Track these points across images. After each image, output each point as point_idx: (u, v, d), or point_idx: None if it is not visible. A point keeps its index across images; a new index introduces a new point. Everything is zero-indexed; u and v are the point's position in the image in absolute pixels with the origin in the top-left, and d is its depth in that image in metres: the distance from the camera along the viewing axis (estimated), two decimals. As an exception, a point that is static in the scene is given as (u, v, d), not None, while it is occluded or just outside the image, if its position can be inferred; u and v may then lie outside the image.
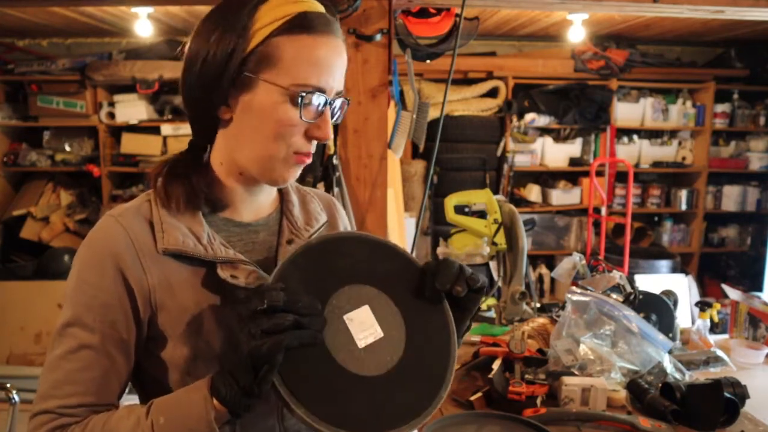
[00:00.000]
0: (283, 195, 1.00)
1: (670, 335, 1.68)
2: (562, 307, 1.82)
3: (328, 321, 0.80)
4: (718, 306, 1.89)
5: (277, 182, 0.89)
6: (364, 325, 0.83)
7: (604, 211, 4.33)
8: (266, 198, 0.96)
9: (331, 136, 0.87)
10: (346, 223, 1.11)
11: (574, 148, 4.67)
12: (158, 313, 0.84)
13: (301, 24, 0.82)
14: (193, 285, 0.85)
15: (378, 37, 2.30)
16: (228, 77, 0.82)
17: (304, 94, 0.82)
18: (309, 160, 0.89)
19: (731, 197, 4.82)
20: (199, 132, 0.92)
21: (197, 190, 0.88)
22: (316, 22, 0.83)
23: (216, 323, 0.85)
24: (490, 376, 1.39)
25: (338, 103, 0.89)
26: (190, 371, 0.85)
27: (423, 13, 2.45)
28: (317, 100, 0.84)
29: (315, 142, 0.88)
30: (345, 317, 0.82)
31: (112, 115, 4.19)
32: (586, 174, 4.50)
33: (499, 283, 2.00)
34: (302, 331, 0.73)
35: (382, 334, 0.83)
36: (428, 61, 2.50)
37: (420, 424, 0.81)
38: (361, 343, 0.82)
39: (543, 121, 4.55)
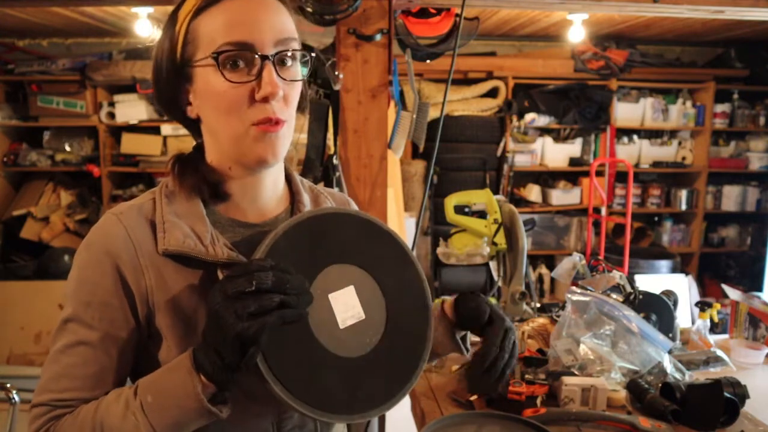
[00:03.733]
0: (293, 194, 0.98)
1: (670, 335, 1.68)
2: (562, 307, 1.82)
3: (313, 298, 0.80)
4: (718, 306, 1.89)
5: (259, 162, 0.85)
6: (347, 306, 0.84)
7: (604, 211, 4.33)
8: (271, 196, 0.94)
9: (279, 91, 0.81)
10: None
11: (574, 148, 4.67)
12: (156, 313, 0.84)
13: (207, 1, 0.83)
14: (192, 286, 0.85)
15: (378, 37, 2.30)
16: (169, 78, 0.86)
17: (216, 55, 0.80)
18: (276, 128, 0.83)
19: (731, 197, 4.82)
20: (192, 136, 0.95)
21: (204, 177, 0.89)
22: None
23: None
24: (490, 376, 1.39)
25: (289, 54, 0.84)
26: None
27: (423, 13, 2.45)
28: (244, 57, 0.81)
29: (277, 106, 0.82)
30: (330, 296, 0.83)
31: (112, 115, 4.20)
32: (586, 174, 4.50)
33: (499, 283, 2.00)
34: (287, 310, 0.73)
35: (363, 316, 0.84)
36: (428, 61, 2.50)
37: (386, 411, 0.83)
38: (343, 324, 0.83)
39: (543, 121, 4.55)
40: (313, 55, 0.89)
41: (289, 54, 0.84)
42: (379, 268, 0.88)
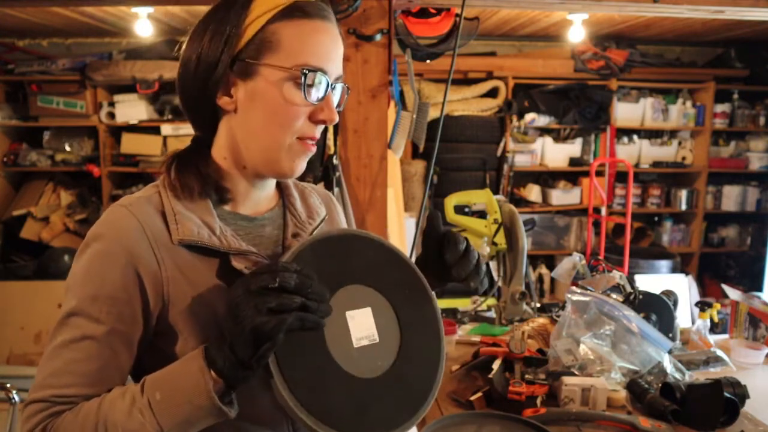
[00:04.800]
0: (283, 189, 1.01)
1: (670, 335, 1.68)
2: (562, 307, 1.82)
3: (332, 310, 0.80)
4: (718, 306, 1.89)
5: (283, 174, 0.89)
6: (362, 326, 0.84)
7: (604, 211, 4.33)
8: (267, 192, 0.97)
9: (337, 118, 0.88)
10: (342, 219, 1.12)
11: (574, 148, 4.67)
12: (170, 306, 0.83)
13: (298, 9, 0.84)
14: (207, 276, 0.85)
15: (378, 37, 2.30)
16: (224, 68, 0.84)
17: (306, 72, 0.83)
18: (313, 150, 0.89)
19: (731, 197, 4.82)
20: (200, 128, 0.93)
21: (208, 179, 0.89)
22: (312, 8, 0.86)
23: None
24: (490, 376, 1.39)
25: (339, 88, 0.90)
26: None
27: (423, 13, 2.45)
28: (320, 81, 0.85)
29: (320, 128, 0.88)
30: (347, 313, 0.83)
31: (112, 115, 4.19)
32: (586, 174, 4.50)
33: (499, 283, 1.99)
34: (307, 314, 0.73)
35: (377, 340, 0.84)
36: (428, 61, 2.50)
37: None
38: (357, 343, 0.82)
39: (543, 121, 4.55)
40: (349, 91, 0.96)
41: (343, 88, 0.92)
42: (398, 298, 0.88)
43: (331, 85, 0.87)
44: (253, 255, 0.87)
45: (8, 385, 1.86)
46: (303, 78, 0.83)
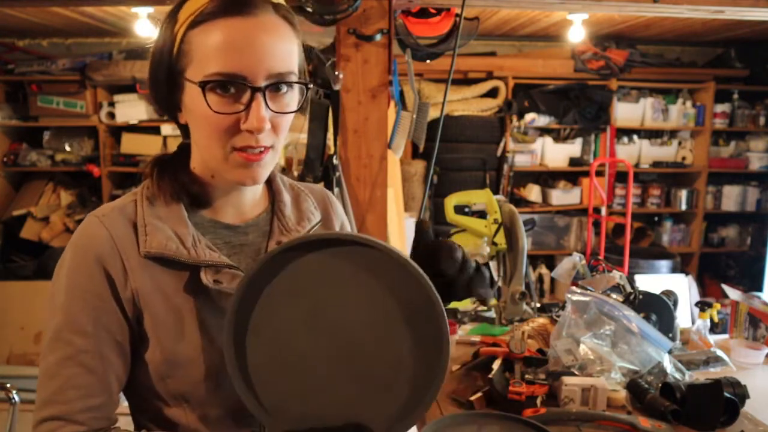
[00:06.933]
0: (274, 193, 0.97)
1: (670, 335, 1.68)
2: (562, 307, 1.82)
3: None
4: (718, 306, 1.89)
5: (239, 183, 0.85)
6: None
7: (604, 211, 4.33)
8: (251, 198, 0.94)
9: (265, 126, 0.78)
10: (343, 219, 1.08)
11: (574, 148, 4.67)
12: (144, 314, 0.84)
13: (209, 12, 0.78)
14: (176, 289, 0.84)
15: (378, 37, 2.30)
16: (163, 81, 0.83)
17: (204, 84, 0.77)
18: (260, 158, 0.81)
19: (731, 197, 4.82)
20: (183, 135, 0.93)
21: (184, 186, 0.87)
22: (223, 6, 0.78)
23: (197, 327, 0.85)
24: (490, 376, 1.39)
25: (286, 88, 0.81)
26: (169, 374, 0.85)
27: (423, 13, 2.45)
28: (232, 88, 0.78)
29: (265, 135, 0.80)
30: None
31: (112, 115, 4.20)
32: (586, 174, 4.50)
33: (499, 283, 1.99)
34: None
35: None
36: (428, 61, 2.50)
37: None
38: None
39: (543, 121, 4.55)
40: (311, 86, 0.86)
41: (284, 87, 0.81)
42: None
43: (258, 87, 0.78)
44: (224, 267, 0.85)
45: (8, 385, 1.86)
46: (202, 90, 0.77)
